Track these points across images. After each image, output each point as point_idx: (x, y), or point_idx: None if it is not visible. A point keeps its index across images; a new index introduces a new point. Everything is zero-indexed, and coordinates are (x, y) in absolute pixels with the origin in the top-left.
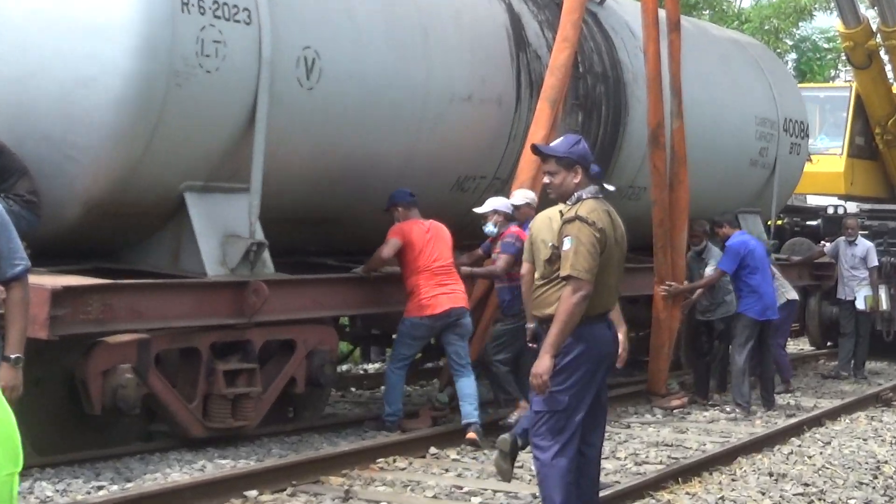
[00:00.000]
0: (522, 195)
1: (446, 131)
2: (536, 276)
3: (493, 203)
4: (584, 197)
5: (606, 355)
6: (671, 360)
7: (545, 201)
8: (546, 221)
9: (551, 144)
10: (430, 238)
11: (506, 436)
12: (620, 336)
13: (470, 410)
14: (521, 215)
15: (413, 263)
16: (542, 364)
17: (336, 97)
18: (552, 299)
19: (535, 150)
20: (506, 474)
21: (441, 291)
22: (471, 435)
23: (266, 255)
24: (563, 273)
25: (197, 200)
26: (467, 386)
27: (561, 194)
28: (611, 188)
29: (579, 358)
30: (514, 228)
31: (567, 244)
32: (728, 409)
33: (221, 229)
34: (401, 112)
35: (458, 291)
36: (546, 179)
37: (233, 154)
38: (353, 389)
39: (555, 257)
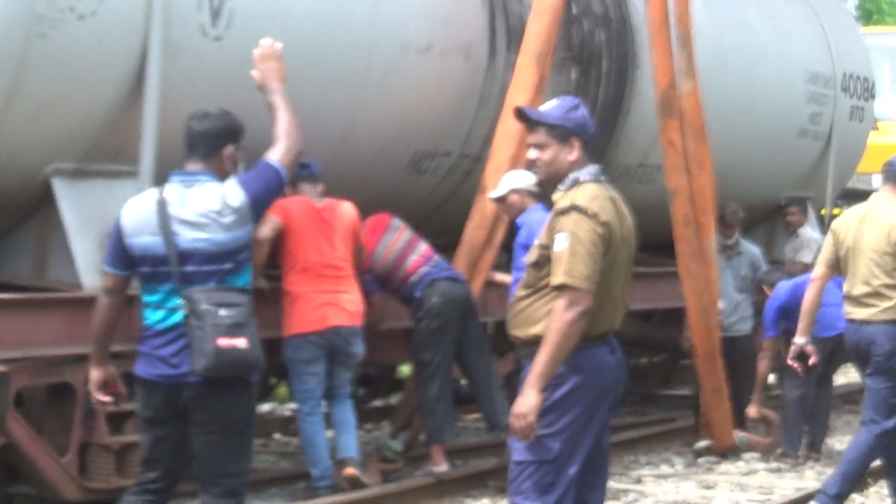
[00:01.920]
0: (513, 180)
1: (398, 92)
2: (520, 283)
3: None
4: (582, 180)
5: (610, 388)
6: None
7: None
8: (540, 215)
9: (541, 109)
10: (320, 224)
11: None
12: None
13: (347, 442)
14: (508, 208)
15: (291, 257)
16: (528, 401)
17: (251, 48)
18: (539, 315)
19: (520, 114)
20: None
21: (325, 301)
22: (349, 471)
23: None
24: (554, 281)
25: (68, 188)
26: (345, 412)
27: (551, 175)
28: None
29: (575, 392)
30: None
31: (560, 243)
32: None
33: (101, 226)
34: (338, 66)
35: (349, 304)
36: (532, 154)
37: (115, 126)
38: (276, 436)
39: (543, 260)
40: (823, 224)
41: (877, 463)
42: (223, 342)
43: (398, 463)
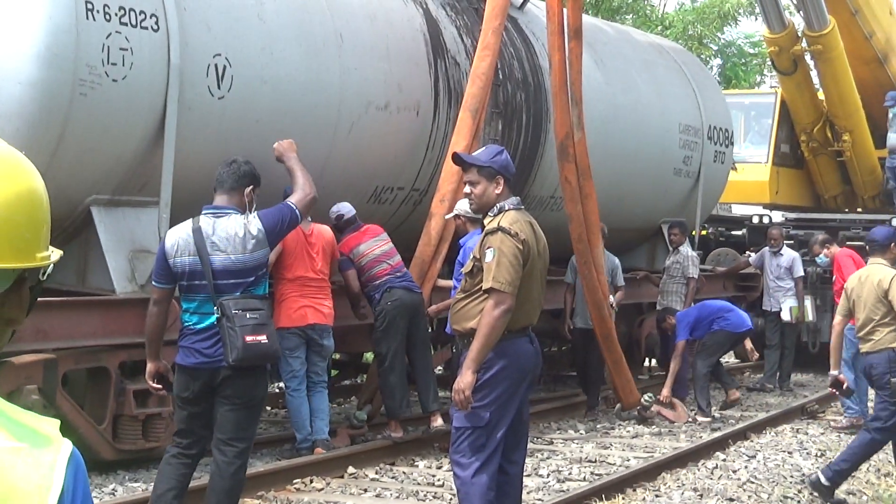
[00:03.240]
0: (459, 206)
1: (362, 140)
2: (458, 288)
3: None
4: (506, 208)
5: (529, 371)
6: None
7: None
8: (476, 239)
9: (473, 154)
10: (307, 245)
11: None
12: None
13: (321, 427)
14: (457, 227)
15: (283, 269)
16: (464, 379)
17: (248, 105)
18: (473, 313)
19: (457, 158)
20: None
21: (306, 304)
22: (319, 451)
23: None
24: (485, 285)
25: (104, 214)
26: (321, 401)
27: (482, 205)
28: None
29: (501, 373)
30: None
31: (489, 256)
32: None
33: (130, 244)
34: (315, 120)
35: (324, 308)
36: (467, 189)
37: (141, 166)
38: (268, 408)
39: (476, 269)
40: (693, 243)
41: (742, 423)
42: (250, 339)
43: (363, 429)
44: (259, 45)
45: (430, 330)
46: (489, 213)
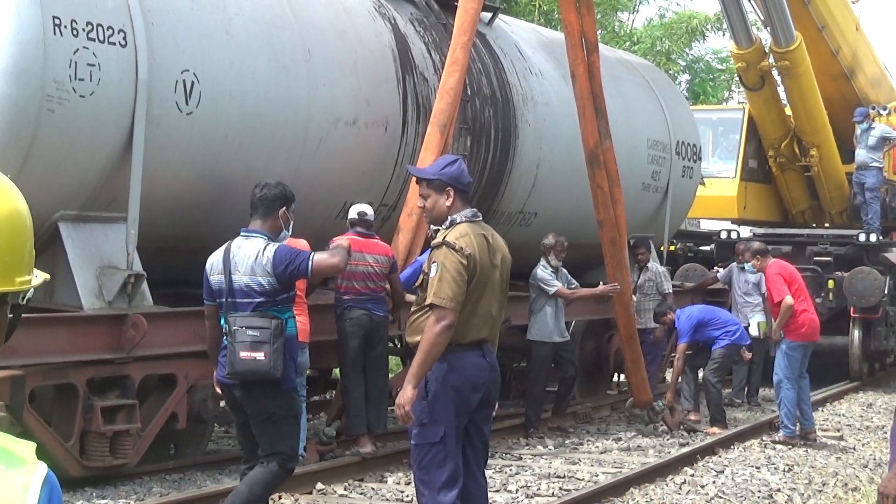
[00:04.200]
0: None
1: (331, 155)
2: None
3: None
4: (458, 221)
5: (481, 384)
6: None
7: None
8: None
9: (425, 167)
10: None
11: None
12: None
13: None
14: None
15: None
16: (404, 394)
17: (216, 121)
18: (423, 326)
19: (410, 171)
20: None
21: None
22: None
23: (145, 286)
24: (427, 300)
25: (72, 230)
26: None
27: (433, 218)
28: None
29: (449, 387)
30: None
31: (433, 271)
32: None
33: (98, 260)
34: (283, 135)
35: (301, 323)
36: (420, 203)
37: (109, 181)
38: None
39: (425, 284)
40: (662, 258)
41: (710, 438)
42: (244, 355)
43: (332, 445)
44: (227, 61)
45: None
46: (441, 227)
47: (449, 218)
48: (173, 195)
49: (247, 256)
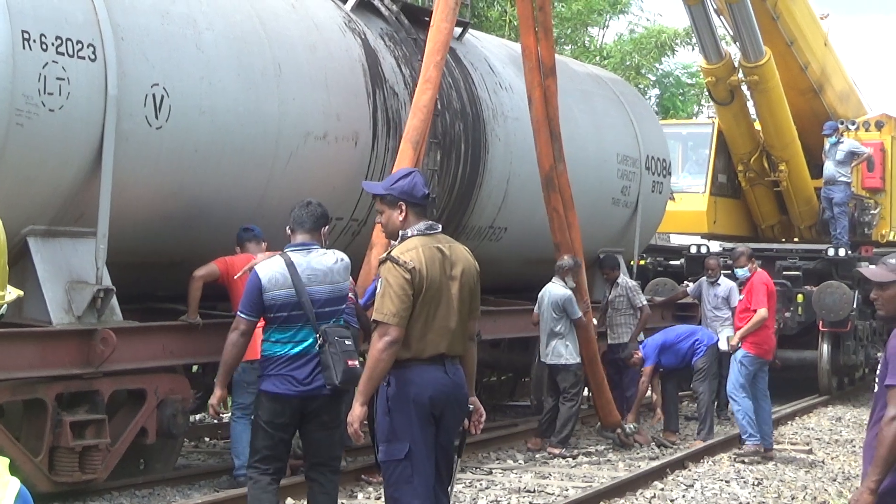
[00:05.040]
0: None
1: (301, 170)
2: None
3: None
4: (409, 235)
5: (441, 399)
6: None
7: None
8: None
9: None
10: None
11: None
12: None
13: (240, 463)
14: None
15: (235, 303)
16: (353, 412)
17: (185, 135)
18: None
19: (363, 186)
20: None
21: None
22: None
23: (114, 301)
24: (372, 317)
25: (40, 245)
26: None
27: (389, 233)
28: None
29: (407, 401)
30: None
31: (378, 286)
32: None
33: (67, 275)
34: (253, 150)
35: None
36: (377, 218)
37: (78, 196)
38: (206, 439)
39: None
40: (632, 272)
41: (679, 452)
42: (350, 363)
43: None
44: (197, 75)
45: None
46: (394, 242)
47: (402, 232)
48: (143, 210)
49: (326, 267)
